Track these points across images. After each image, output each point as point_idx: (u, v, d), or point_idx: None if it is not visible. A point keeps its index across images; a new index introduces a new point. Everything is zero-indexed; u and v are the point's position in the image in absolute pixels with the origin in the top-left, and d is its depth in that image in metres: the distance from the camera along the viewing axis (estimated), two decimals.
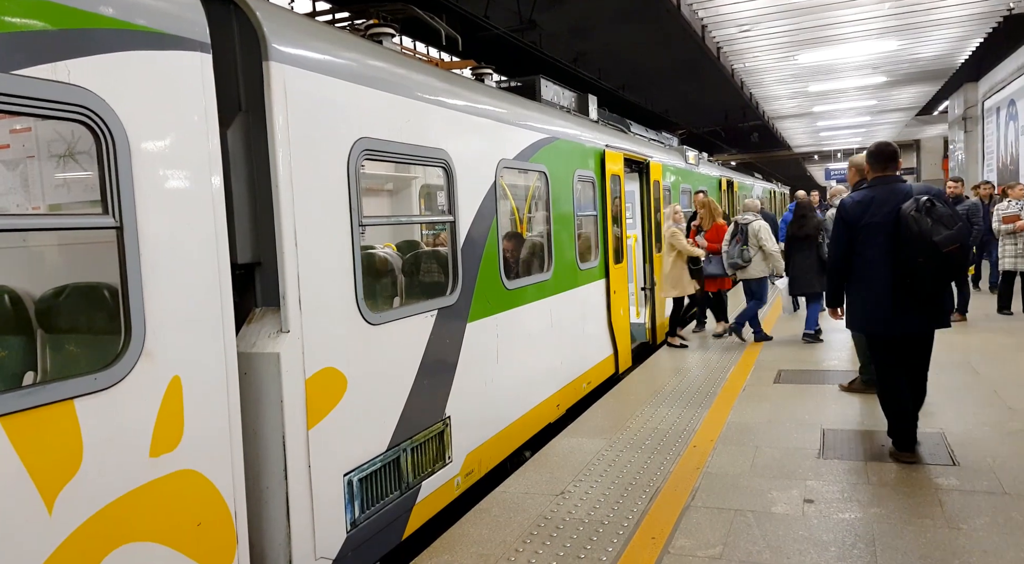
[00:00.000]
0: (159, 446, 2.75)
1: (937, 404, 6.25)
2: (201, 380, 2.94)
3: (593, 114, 8.91)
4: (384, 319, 4.13)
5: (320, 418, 3.58)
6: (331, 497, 3.65)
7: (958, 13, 12.53)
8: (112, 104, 2.59)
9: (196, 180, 2.94)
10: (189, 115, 2.92)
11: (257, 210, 3.46)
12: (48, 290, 3.36)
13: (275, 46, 3.38)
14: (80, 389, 2.48)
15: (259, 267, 3.52)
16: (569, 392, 6.91)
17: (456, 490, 4.85)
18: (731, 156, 38.98)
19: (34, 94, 2.36)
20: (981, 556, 3.66)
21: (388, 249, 6.11)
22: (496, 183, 5.47)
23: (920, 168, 34.77)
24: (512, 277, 5.86)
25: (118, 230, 2.63)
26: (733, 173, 20.93)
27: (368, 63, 4.18)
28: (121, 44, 2.65)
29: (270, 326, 3.44)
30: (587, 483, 4.91)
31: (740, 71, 16.65)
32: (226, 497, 3.04)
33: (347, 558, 3.75)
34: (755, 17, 12.18)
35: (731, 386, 7.32)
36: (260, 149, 3.41)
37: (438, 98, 4.80)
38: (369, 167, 6.48)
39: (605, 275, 8.14)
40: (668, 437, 5.79)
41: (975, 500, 4.32)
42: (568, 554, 3.92)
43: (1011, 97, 19.38)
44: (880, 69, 17.07)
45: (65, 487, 2.42)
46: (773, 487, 4.68)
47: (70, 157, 3.87)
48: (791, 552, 3.81)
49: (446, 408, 4.73)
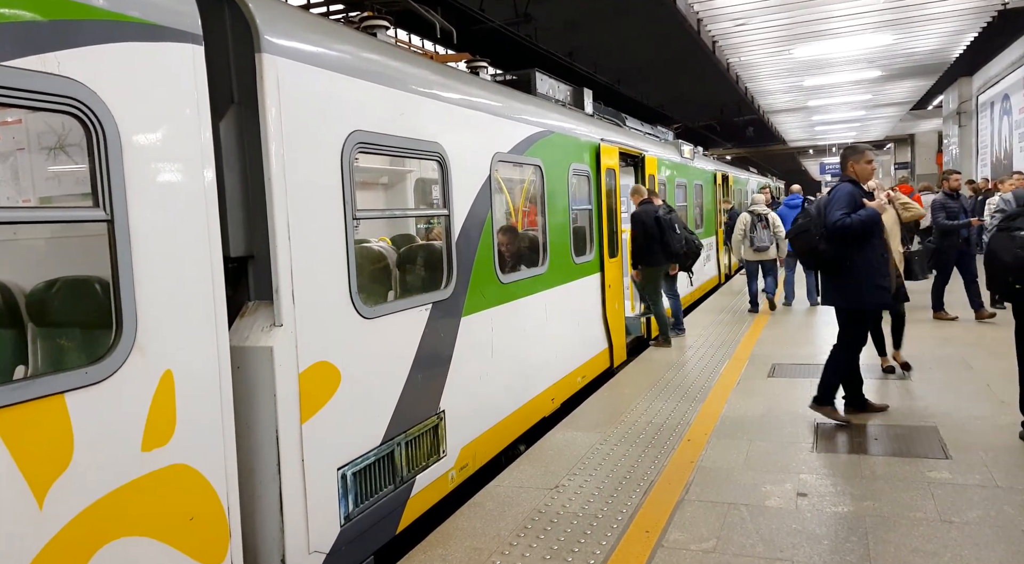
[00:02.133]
0: (151, 440, 2.74)
1: (930, 398, 6.28)
2: (193, 374, 2.93)
3: (588, 108, 8.89)
4: (378, 313, 4.11)
5: (314, 412, 3.57)
6: (325, 491, 3.64)
7: (953, 8, 12.54)
8: (103, 96, 2.57)
9: (188, 173, 2.92)
10: (181, 107, 2.90)
11: (250, 203, 3.44)
12: (39, 283, 3.34)
13: (268, 38, 3.36)
14: (71, 383, 2.46)
15: (252, 260, 3.50)
16: (564, 386, 6.91)
17: (450, 484, 4.84)
18: (726, 150, 38.98)
19: (23, 86, 2.34)
20: (973, 549, 3.68)
21: (382, 243, 6.09)
22: (491, 177, 5.46)
23: (914, 163, 34.84)
24: (507, 271, 5.85)
25: (109, 223, 2.61)
26: (728, 167, 20.95)
27: (362, 56, 4.15)
28: (112, 35, 2.62)
29: (263, 320, 3.42)
30: (581, 477, 4.91)
31: (735, 65, 16.64)
32: (219, 491, 3.03)
33: (341, 552, 3.75)
34: (750, 11, 12.17)
35: (725, 380, 7.33)
36: (253, 142, 3.39)
37: (433, 91, 4.78)
38: (363, 160, 6.45)
39: (600, 269, 8.14)
40: (662, 431, 5.79)
41: (968, 494, 4.33)
42: (562, 548, 3.92)
43: (1005, 92, 19.44)
44: (875, 63, 17.09)
45: (56, 481, 2.41)
46: (767, 481, 4.70)
47: (61, 150, 3.84)
48: (784, 545, 3.82)
49: (440, 402, 4.73)
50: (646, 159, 10.14)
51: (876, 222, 5.49)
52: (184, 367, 2.88)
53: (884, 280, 5.61)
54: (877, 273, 5.56)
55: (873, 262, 5.55)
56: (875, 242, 5.58)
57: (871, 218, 5.43)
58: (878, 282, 5.55)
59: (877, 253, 5.58)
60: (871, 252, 5.54)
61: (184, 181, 2.90)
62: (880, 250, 5.64)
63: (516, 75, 7.51)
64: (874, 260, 5.56)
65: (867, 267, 5.54)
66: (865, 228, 5.43)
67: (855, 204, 5.48)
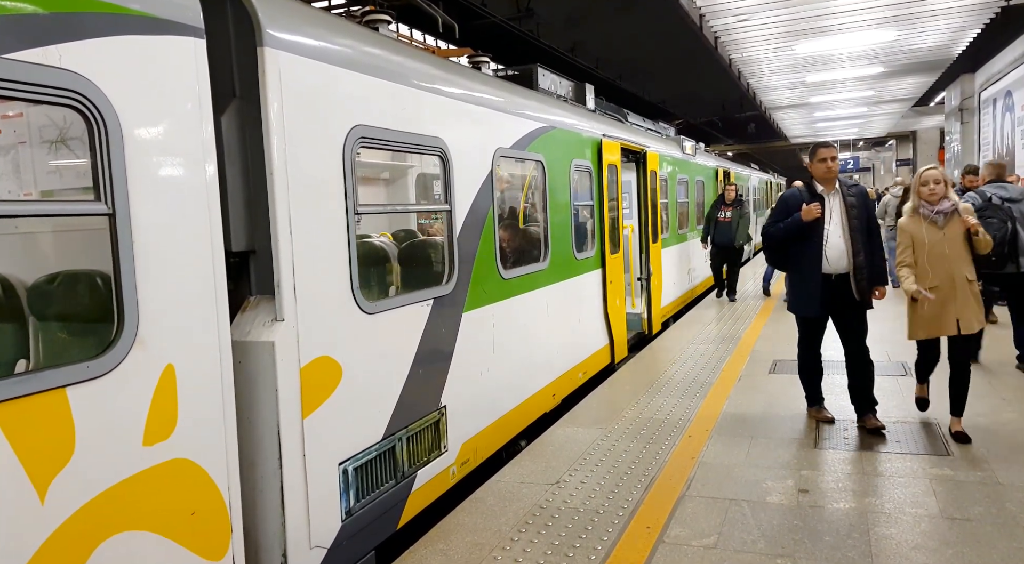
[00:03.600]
0: (152, 435, 2.74)
1: (932, 395, 6.26)
2: (195, 369, 2.92)
3: (590, 103, 8.87)
4: (380, 308, 4.11)
5: (315, 407, 3.57)
6: (326, 486, 3.64)
7: (956, 3, 12.49)
8: (104, 89, 2.56)
9: (190, 167, 2.91)
10: (183, 101, 2.89)
11: (251, 197, 3.43)
12: (40, 277, 3.33)
13: (270, 32, 3.34)
14: (72, 377, 2.46)
15: (254, 255, 3.50)
16: (565, 382, 6.91)
17: (452, 479, 4.85)
18: (728, 146, 38.94)
19: (25, 78, 2.33)
20: (975, 546, 3.67)
21: (384, 238, 6.08)
22: (492, 172, 5.45)
23: (916, 159, 34.76)
24: (508, 266, 5.84)
25: (110, 217, 2.60)
26: (730, 163, 20.92)
27: (364, 50, 4.14)
28: (114, 28, 2.61)
29: (265, 314, 3.42)
30: (582, 473, 4.91)
31: (737, 61, 16.57)
32: (220, 486, 3.03)
33: (342, 547, 3.75)
34: (753, 7, 12.12)
35: (726, 376, 7.33)
36: (254, 136, 3.38)
37: (435, 86, 4.77)
38: (365, 155, 6.44)
39: (601, 265, 8.13)
40: (663, 427, 5.79)
41: (969, 490, 4.33)
42: (563, 543, 3.92)
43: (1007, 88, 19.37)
44: (877, 59, 17.02)
45: (57, 476, 2.41)
46: (768, 477, 4.69)
47: (62, 143, 3.83)
48: (785, 542, 3.82)
49: (442, 397, 4.72)
50: (648, 155, 10.12)
51: (798, 228, 5.38)
52: (186, 361, 2.88)
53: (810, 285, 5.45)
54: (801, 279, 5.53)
55: (800, 267, 5.52)
56: (802, 246, 5.44)
57: (791, 225, 5.40)
58: (802, 288, 5.53)
59: (806, 257, 5.44)
60: (798, 258, 5.50)
61: (186, 175, 2.90)
62: (809, 253, 5.42)
63: (518, 70, 7.49)
64: (800, 265, 5.51)
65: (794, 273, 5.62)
66: (784, 236, 5.47)
67: (785, 211, 5.51)
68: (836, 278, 5.40)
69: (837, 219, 5.42)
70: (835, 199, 5.47)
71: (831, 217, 5.42)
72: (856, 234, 5.35)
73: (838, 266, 5.37)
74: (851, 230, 5.36)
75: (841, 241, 5.37)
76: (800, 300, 5.59)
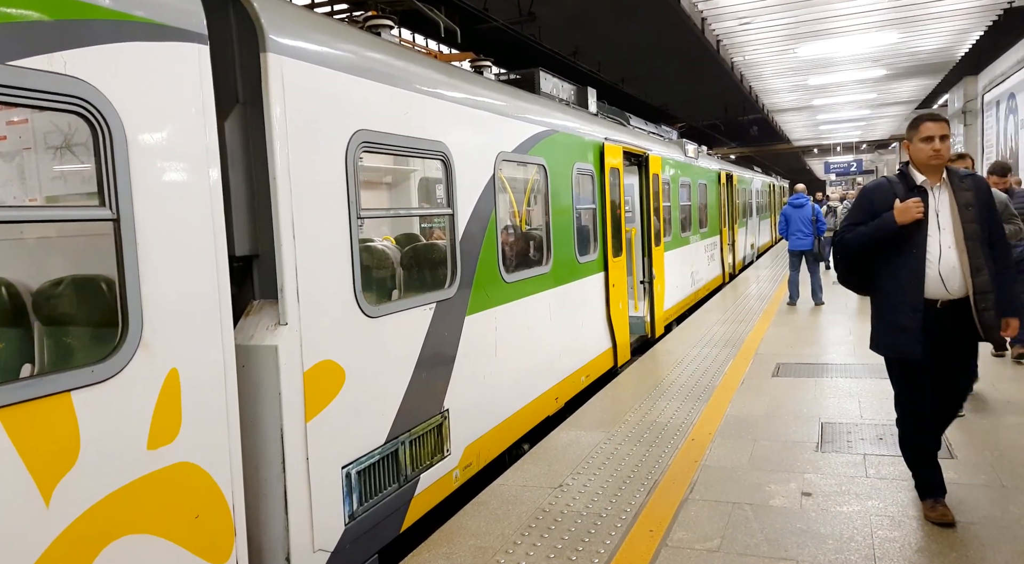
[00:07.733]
0: (157, 439, 2.75)
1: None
2: (199, 373, 2.93)
3: (592, 107, 8.89)
4: (382, 312, 4.12)
5: (318, 411, 3.58)
6: (329, 490, 3.65)
7: (958, 6, 12.51)
8: (109, 95, 2.58)
9: (194, 172, 2.93)
10: (186, 107, 2.90)
11: (255, 202, 3.45)
12: (45, 282, 3.35)
13: (273, 37, 3.36)
14: (77, 381, 2.47)
15: (257, 259, 3.51)
16: (568, 385, 6.91)
17: (454, 483, 4.85)
18: (730, 149, 38.92)
19: (30, 85, 2.35)
20: (978, 549, 3.67)
21: (387, 242, 6.09)
22: (495, 176, 5.46)
23: None
24: (511, 270, 5.85)
25: (115, 222, 2.62)
26: (732, 166, 20.91)
27: (366, 55, 4.16)
28: (118, 35, 2.63)
29: (268, 319, 3.43)
30: (585, 476, 4.91)
31: (740, 64, 16.61)
32: (224, 490, 3.04)
33: (345, 550, 3.76)
34: (755, 10, 12.15)
35: (729, 380, 7.32)
36: (258, 141, 3.40)
37: (437, 90, 4.78)
38: (367, 159, 6.46)
39: (604, 268, 8.13)
40: (666, 430, 5.79)
41: (973, 493, 4.32)
42: (566, 546, 3.92)
43: (1011, 91, 19.34)
44: (880, 62, 17.04)
45: (62, 479, 2.42)
46: (771, 480, 4.69)
47: (67, 149, 3.86)
48: (789, 545, 3.82)
49: (444, 401, 4.73)
50: (650, 158, 10.13)
51: (887, 234, 3.90)
52: (189, 365, 2.89)
53: (904, 316, 3.87)
54: (891, 307, 3.95)
55: (889, 290, 3.97)
56: (893, 260, 3.94)
57: (877, 231, 3.92)
58: (892, 318, 3.94)
59: (898, 277, 3.92)
60: (887, 277, 3.98)
61: (189, 180, 2.91)
62: (904, 271, 3.90)
63: (520, 74, 7.52)
64: (890, 287, 3.96)
65: (881, 297, 4.06)
66: (865, 245, 4.00)
67: (868, 210, 4.01)
68: (945, 306, 3.88)
69: (946, 222, 3.89)
70: (943, 194, 3.94)
71: (936, 219, 3.91)
72: (974, 243, 3.83)
73: (949, 288, 3.85)
74: (966, 238, 3.84)
75: (952, 253, 3.85)
76: (891, 337, 3.97)
